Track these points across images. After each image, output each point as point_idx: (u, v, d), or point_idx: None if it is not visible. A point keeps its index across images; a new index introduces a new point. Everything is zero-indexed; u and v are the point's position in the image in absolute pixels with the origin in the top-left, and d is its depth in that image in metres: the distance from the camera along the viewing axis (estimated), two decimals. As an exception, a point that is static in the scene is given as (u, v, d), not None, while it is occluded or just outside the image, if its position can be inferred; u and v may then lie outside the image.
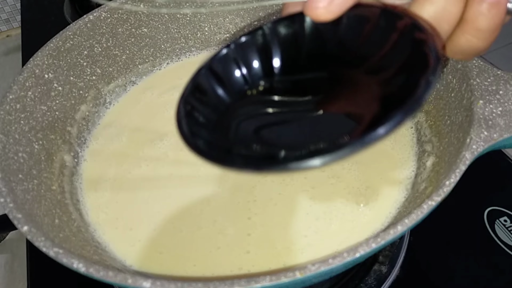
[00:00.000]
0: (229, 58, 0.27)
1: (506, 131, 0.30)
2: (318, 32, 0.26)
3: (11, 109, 0.35)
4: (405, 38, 0.23)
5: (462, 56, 0.25)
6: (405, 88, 0.22)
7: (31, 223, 0.28)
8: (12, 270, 0.60)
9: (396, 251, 0.41)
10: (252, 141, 0.24)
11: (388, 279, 0.40)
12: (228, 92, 0.27)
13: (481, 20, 0.22)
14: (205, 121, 0.25)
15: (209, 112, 0.26)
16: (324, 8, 0.23)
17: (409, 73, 0.22)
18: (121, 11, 0.45)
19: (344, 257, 0.24)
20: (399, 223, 0.25)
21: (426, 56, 0.21)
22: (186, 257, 0.33)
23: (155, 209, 0.37)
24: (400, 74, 0.23)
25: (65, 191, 0.37)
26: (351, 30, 0.25)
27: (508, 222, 0.43)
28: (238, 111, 0.26)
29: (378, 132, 0.20)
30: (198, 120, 0.25)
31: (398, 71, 0.23)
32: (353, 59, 0.25)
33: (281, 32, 0.27)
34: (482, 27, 0.22)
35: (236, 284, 0.23)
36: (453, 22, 0.22)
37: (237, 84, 0.27)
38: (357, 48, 0.25)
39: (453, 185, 0.27)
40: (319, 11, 0.24)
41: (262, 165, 0.22)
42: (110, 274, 0.25)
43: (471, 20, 0.22)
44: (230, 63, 0.27)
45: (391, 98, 0.22)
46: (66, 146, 0.40)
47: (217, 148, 0.24)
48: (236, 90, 0.27)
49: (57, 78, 0.40)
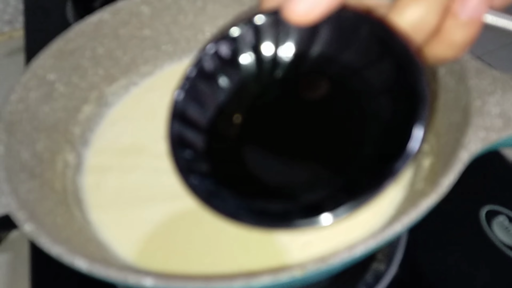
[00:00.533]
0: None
1: (504, 131, 0.30)
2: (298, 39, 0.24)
3: (14, 110, 0.36)
4: (385, 56, 0.22)
5: (434, 62, 0.24)
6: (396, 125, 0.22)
7: (33, 223, 0.28)
8: (14, 269, 0.60)
9: (394, 249, 0.42)
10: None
11: (386, 277, 0.40)
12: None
13: (457, 34, 0.22)
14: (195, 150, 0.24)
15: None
16: (304, 11, 0.21)
17: (397, 109, 0.22)
18: (123, 13, 0.45)
19: (342, 255, 0.24)
20: (397, 222, 0.26)
21: (416, 94, 0.21)
22: (186, 255, 0.33)
23: (157, 209, 0.37)
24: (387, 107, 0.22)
25: (68, 191, 0.38)
26: (330, 39, 0.23)
27: (506, 222, 0.44)
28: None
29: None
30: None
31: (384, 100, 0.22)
32: (333, 73, 0.24)
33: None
34: (457, 40, 0.22)
35: (236, 281, 0.24)
36: (429, 32, 0.22)
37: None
38: (336, 61, 0.24)
39: (451, 185, 0.27)
40: (298, 14, 0.22)
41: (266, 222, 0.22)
42: (112, 273, 0.25)
43: (447, 32, 0.22)
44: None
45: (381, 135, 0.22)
46: (69, 146, 0.41)
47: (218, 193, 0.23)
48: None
49: (59, 79, 0.41)
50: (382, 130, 0.23)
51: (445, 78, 0.36)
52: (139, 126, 0.44)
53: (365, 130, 0.23)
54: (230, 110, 0.25)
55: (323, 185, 0.23)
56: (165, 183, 0.39)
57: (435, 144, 0.36)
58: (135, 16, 0.46)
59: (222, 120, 0.25)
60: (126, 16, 0.45)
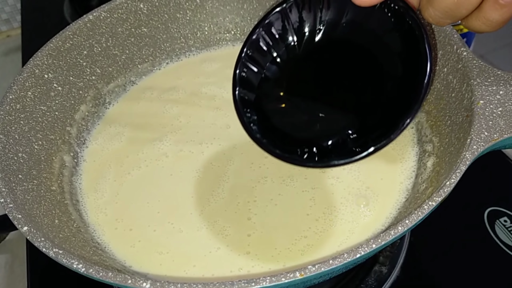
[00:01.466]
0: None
1: (507, 131, 0.30)
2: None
3: (11, 109, 0.35)
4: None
5: (470, 30, 0.27)
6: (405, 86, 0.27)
7: (31, 224, 0.28)
8: (12, 270, 0.60)
9: (397, 251, 0.41)
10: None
11: (389, 279, 0.40)
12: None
13: (494, 14, 0.24)
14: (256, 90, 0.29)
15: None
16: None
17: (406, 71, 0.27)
18: (121, 10, 0.45)
19: (344, 257, 0.24)
20: (400, 223, 0.25)
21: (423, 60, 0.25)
22: (186, 258, 0.33)
23: (155, 209, 0.37)
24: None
25: (65, 192, 0.37)
26: (358, 11, 0.28)
27: (508, 222, 0.43)
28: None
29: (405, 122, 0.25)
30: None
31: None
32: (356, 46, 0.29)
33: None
34: (494, 19, 0.25)
35: (236, 285, 0.23)
36: (471, 9, 0.25)
37: None
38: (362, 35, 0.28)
39: (454, 186, 0.27)
40: None
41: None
42: (109, 275, 0.25)
43: (486, 11, 0.25)
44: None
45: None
46: (66, 147, 0.40)
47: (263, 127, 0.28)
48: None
49: (56, 78, 0.40)
50: (396, 84, 0.27)
51: (448, 78, 0.36)
52: (136, 126, 0.44)
53: (382, 84, 0.28)
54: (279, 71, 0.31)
55: (344, 131, 0.28)
56: (164, 184, 0.38)
57: (438, 145, 0.35)
58: (132, 14, 0.46)
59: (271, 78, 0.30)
60: (123, 14, 0.45)
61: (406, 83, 0.26)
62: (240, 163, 0.39)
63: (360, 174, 0.37)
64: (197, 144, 0.41)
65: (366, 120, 0.28)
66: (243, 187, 0.37)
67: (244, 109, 0.29)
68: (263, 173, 0.38)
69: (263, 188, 0.37)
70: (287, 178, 0.37)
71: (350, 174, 0.37)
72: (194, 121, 0.43)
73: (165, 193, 0.38)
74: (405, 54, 0.27)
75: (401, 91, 0.27)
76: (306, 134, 0.29)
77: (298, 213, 0.35)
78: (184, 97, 0.46)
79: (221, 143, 0.41)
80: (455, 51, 0.35)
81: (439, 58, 0.37)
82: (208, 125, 0.43)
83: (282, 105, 0.30)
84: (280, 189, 0.37)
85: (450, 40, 0.35)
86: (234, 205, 0.36)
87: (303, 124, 0.29)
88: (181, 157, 0.40)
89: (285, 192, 0.36)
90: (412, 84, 0.26)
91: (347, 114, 0.29)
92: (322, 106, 0.30)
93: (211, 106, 0.44)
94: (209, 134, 0.42)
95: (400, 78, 0.27)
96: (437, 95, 0.37)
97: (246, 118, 0.29)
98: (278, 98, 0.30)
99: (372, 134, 0.27)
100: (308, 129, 0.29)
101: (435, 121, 0.37)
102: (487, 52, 0.86)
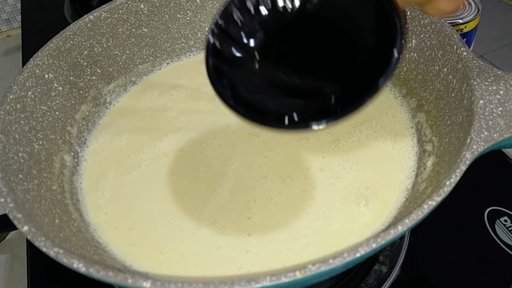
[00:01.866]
0: None
1: (506, 131, 0.30)
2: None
3: (11, 109, 0.35)
4: None
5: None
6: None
7: (31, 223, 0.28)
8: (12, 270, 0.60)
9: (397, 251, 0.41)
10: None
11: (389, 279, 0.40)
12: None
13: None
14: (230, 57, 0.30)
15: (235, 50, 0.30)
16: None
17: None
18: (121, 11, 0.45)
19: (344, 257, 0.24)
20: (400, 223, 0.25)
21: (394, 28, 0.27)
22: (186, 257, 0.33)
23: (155, 209, 0.37)
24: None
25: (65, 191, 0.37)
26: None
27: (509, 222, 0.43)
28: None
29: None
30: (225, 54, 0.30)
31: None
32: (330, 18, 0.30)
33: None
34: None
35: (236, 284, 0.23)
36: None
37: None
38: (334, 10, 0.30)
39: (454, 185, 0.27)
40: None
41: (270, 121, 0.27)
42: (110, 274, 0.25)
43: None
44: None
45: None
46: (66, 146, 0.40)
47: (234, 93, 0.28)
48: None
49: (57, 78, 0.40)
50: (369, 54, 0.29)
51: (448, 78, 0.36)
52: (137, 126, 0.44)
53: (355, 55, 0.30)
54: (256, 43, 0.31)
55: (323, 97, 0.29)
56: (164, 184, 0.38)
57: (438, 144, 0.35)
58: (133, 14, 0.46)
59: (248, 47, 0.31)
60: (124, 14, 0.45)
61: (379, 52, 0.28)
62: (240, 163, 0.39)
63: (360, 174, 0.37)
64: (197, 144, 0.41)
65: (343, 89, 0.29)
66: (243, 187, 0.37)
67: (218, 79, 0.29)
68: (263, 172, 0.38)
69: (263, 188, 0.37)
70: (287, 177, 0.37)
71: (350, 174, 0.37)
72: (195, 121, 0.43)
73: (166, 192, 0.38)
74: (377, 26, 0.29)
75: (375, 59, 0.28)
76: (285, 102, 0.29)
77: (298, 212, 0.35)
78: (185, 97, 0.46)
79: (221, 143, 0.41)
80: (455, 51, 0.35)
81: (439, 58, 0.37)
82: (209, 125, 0.43)
83: (258, 77, 0.30)
84: (280, 188, 0.37)
85: (450, 40, 0.35)
86: (234, 204, 0.36)
87: (280, 94, 0.30)
88: (181, 156, 0.40)
89: (285, 192, 0.36)
90: (385, 51, 0.27)
91: (325, 83, 0.30)
92: (298, 76, 0.31)
93: (211, 106, 0.44)
94: (209, 134, 0.42)
95: (374, 48, 0.29)
96: (437, 95, 0.37)
97: (220, 87, 0.29)
98: (253, 71, 0.30)
99: (350, 97, 0.28)
100: (286, 98, 0.30)
101: (435, 121, 0.37)
102: (487, 52, 0.86)
